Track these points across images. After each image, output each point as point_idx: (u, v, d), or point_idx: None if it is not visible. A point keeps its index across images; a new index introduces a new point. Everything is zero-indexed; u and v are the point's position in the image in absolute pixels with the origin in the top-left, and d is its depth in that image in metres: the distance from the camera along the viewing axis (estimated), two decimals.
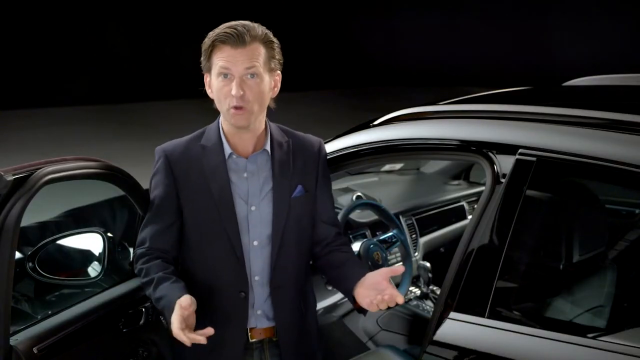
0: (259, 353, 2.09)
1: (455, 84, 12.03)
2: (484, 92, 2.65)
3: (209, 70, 1.98)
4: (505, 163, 1.93)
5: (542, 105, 2.05)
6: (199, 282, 2.04)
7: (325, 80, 14.94)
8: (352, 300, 1.99)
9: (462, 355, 1.83)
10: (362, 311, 2.03)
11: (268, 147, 2.05)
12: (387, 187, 3.55)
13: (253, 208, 2.03)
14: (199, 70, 2.01)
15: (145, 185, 2.23)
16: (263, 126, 2.06)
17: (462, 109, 2.23)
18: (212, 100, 2.02)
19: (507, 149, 1.94)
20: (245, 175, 2.03)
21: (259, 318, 2.07)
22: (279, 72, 2.03)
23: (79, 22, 12.86)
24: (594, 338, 1.71)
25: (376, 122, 2.38)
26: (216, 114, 2.07)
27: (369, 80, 15.35)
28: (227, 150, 2.03)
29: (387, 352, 2.43)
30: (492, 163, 1.96)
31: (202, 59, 1.99)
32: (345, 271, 2.05)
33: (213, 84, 1.97)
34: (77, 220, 2.68)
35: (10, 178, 1.79)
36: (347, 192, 3.13)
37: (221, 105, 1.98)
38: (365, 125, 2.43)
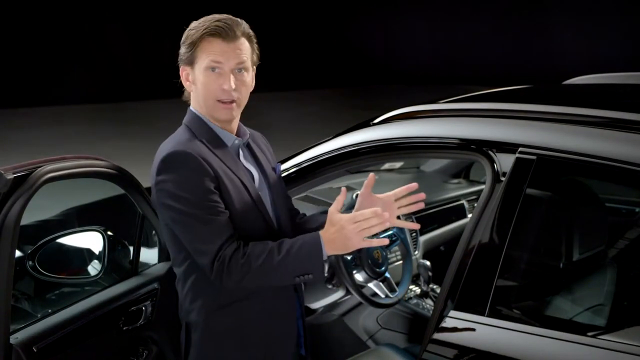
0: None
1: (455, 82, 12.03)
2: (484, 90, 2.65)
3: (191, 64, 1.93)
4: (505, 161, 1.93)
5: (542, 104, 2.04)
6: None
7: (325, 78, 14.93)
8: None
9: (462, 353, 1.83)
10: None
11: (248, 134, 2.06)
12: (386, 185, 3.54)
13: (261, 193, 2.02)
14: None
15: (145, 183, 2.23)
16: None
17: (462, 107, 2.22)
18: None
19: (507, 147, 1.94)
20: (246, 160, 2.04)
21: None
22: (254, 67, 2.02)
23: (79, 21, 12.86)
24: (593, 336, 1.71)
25: (376, 121, 2.38)
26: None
27: (368, 78, 15.35)
28: (230, 137, 2.00)
29: (387, 351, 2.43)
30: (492, 161, 1.96)
31: (182, 51, 1.94)
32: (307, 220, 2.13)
33: (198, 78, 1.93)
34: (77, 219, 2.69)
35: (10, 176, 1.79)
36: (347, 190, 3.12)
37: (207, 99, 1.93)
38: (365, 123, 2.43)
